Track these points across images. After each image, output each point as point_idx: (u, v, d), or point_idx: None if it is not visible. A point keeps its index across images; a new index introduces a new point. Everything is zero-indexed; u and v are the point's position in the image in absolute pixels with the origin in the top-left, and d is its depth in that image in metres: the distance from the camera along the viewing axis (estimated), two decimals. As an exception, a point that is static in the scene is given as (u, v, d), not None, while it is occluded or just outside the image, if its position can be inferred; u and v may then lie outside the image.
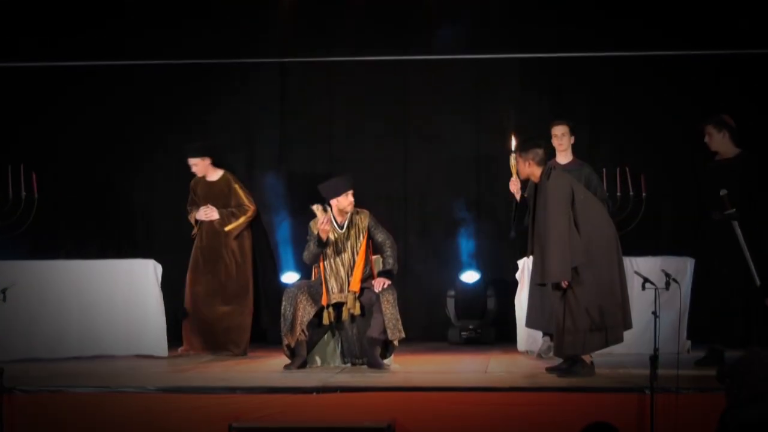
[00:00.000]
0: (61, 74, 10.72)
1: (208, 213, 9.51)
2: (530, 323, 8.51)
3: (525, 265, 8.97)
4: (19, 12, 10.68)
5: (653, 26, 10.42)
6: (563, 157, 9.20)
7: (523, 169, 7.95)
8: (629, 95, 10.59)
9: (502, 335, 10.23)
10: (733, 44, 10.19)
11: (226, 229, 9.47)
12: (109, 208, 10.93)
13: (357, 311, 8.47)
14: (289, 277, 10.58)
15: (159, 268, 9.41)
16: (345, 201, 8.53)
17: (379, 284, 8.41)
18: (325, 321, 8.50)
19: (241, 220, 9.49)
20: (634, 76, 10.56)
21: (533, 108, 10.63)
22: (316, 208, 8.37)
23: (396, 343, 8.47)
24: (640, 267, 8.37)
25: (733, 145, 8.56)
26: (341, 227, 8.56)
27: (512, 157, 8.03)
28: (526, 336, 9.24)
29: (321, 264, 8.55)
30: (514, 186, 8.13)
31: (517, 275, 9.36)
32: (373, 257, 8.73)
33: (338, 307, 8.54)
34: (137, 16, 10.75)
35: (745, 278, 8.18)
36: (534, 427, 7.13)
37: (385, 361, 8.47)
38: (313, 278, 8.78)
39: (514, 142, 8.08)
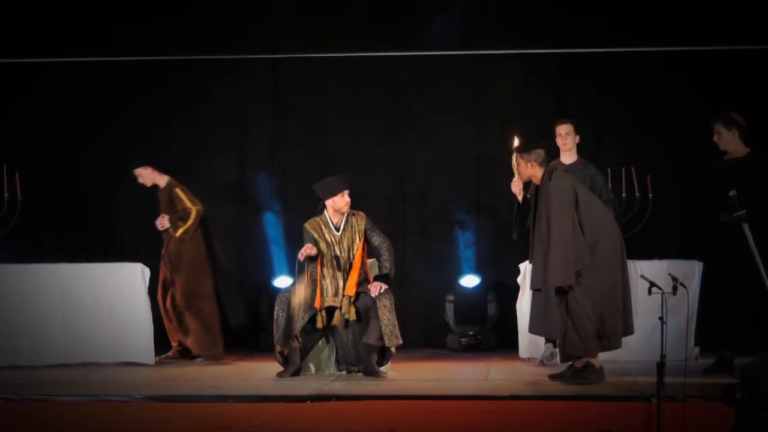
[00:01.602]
0: (45, 71, 10.71)
1: (161, 223, 9.74)
2: (532, 329, 8.52)
3: (526, 269, 8.95)
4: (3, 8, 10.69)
5: (661, 20, 10.41)
6: (568, 156, 9.18)
7: (524, 170, 7.95)
8: (635, 93, 10.60)
9: (503, 341, 10.23)
10: (745, 40, 10.17)
11: (177, 234, 9.68)
12: (96, 210, 10.93)
13: (352, 316, 8.46)
14: (282, 281, 10.58)
15: (147, 271, 9.44)
16: (341, 201, 8.53)
17: (376, 289, 8.41)
18: (319, 324, 8.48)
19: (189, 223, 9.68)
20: (640, 73, 10.56)
21: (535, 106, 10.63)
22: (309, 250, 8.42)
23: (393, 349, 8.46)
24: (645, 271, 8.37)
25: (743, 144, 8.57)
26: (337, 229, 8.56)
27: (514, 157, 8.04)
28: (528, 342, 9.24)
29: (318, 266, 8.54)
30: (516, 186, 8.13)
31: (519, 279, 9.36)
32: (369, 261, 8.72)
33: (332, 311, 8.52)
34: (123, 10, 10.74)
35: (755, 282, 8.17)
36: (536, 437, 7.15)
37: (382, 369, 8.46)
38: (306, 282, 8.75)
39: (516, 142, 8.09)
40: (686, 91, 10.48)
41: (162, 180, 9.84)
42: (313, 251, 8.43)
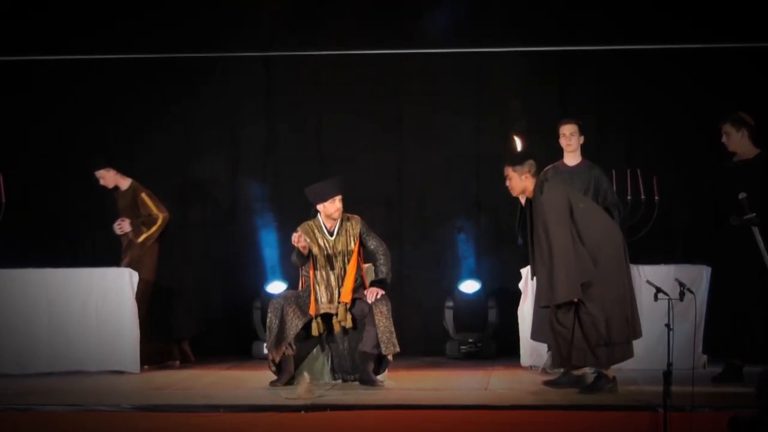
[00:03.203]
0: (29, 70, 10.71)
1: (121, 226, 9.84)
2: (535, 335, 8.53)
3: (528, 274, 8.97)
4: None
5: (668, 16, 10.42)
6: (572, 158, 9.19)
7: (517, 183, 7.87)
8: (640, 92, 10.61)
9: (505, 349, 10.23)
10: (754, 37, 10.16)
11: (138, 240, 9.79)
12: (82, 213, 10.94)
13: (349, 324, 8.47)
14: (275, 287, 10.59)
15: (135, 276, 9.44)
16: (332, 207, 8.52)
17: (372, 294, 8.42)
18: (314, 332, 8.49)
19: (153, 229, 9.80)
20: (644, 71, 10.57)
21: (537, 105, 10.63)
22: (298, 238, 8.43)
23: (390, 357, 8.47)
24: (651, 276, 8.37)
25: (753, 145, 8.59)
26: (331, 234, 8.57)
27: (505, 170, 7.96)
28: (530, 350, 9.26)
29: (311, 272, 8.56)
30: (519, 189, 8.14)
31: (520, 285, 9.38)
32: (365, 266, 8.74)
33: (327, 318, 8.54)
34: (108, 6, 10.75)
35: (764, 287, 8.20)
36: (539, 448, 7.17)
37: (379, 378, 8.48)
38: (300, 288, 8.78)
39: (518, 146, 8.08)
40: (693, 90, 10.49)
41: (125, 182, 9.87)
42: (302, 242, 8.41)
